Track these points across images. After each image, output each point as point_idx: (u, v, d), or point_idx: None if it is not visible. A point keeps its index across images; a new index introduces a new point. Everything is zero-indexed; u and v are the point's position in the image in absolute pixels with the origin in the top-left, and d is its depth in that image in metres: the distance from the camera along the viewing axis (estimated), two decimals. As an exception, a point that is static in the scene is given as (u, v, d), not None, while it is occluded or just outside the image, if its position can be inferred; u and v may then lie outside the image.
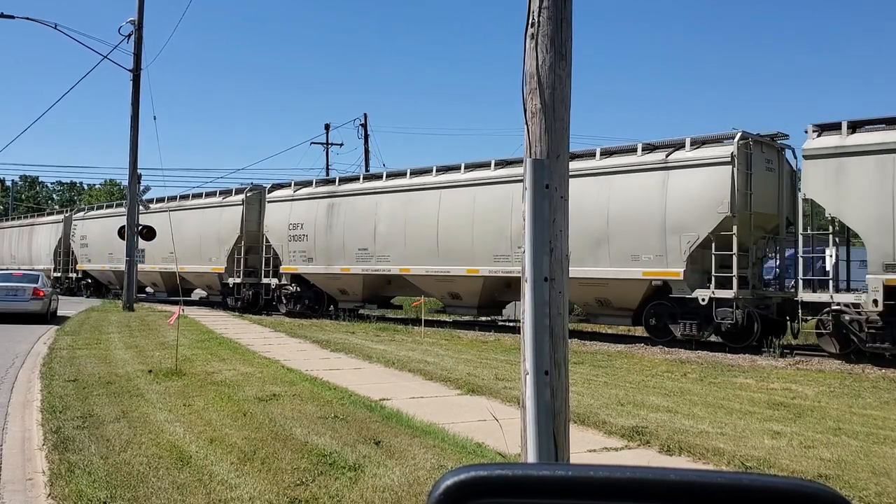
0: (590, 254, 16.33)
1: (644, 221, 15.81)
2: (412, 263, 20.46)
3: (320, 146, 44.70)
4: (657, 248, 15.69)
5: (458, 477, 0.84)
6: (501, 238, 18.26)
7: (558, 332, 3.82)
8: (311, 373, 11.10)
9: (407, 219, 20.75)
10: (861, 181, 13.18)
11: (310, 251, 23.38)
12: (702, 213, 15.16)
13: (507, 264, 18.09)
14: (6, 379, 10.60)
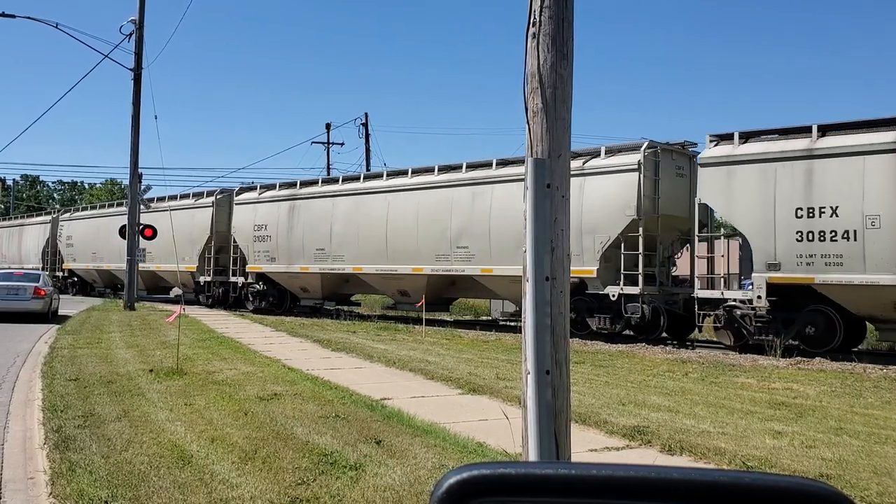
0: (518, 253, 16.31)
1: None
2: (364, 263, 21.85)
3: (321, 145, 44.77)
4: (575, 248, 16.37)
5: (461, 475, 0.84)
6: (443, 238, 19.75)
7: (560, 331, 3.82)
8: (312, 372, 11.11)
9: (359, 221, 22.11)
10: (748, 187, 14.57)
11: (273, 251, 24.74)
12: (613, 215, 16.53)
13: (448, 263, 19.70)
14: (7, 378, 10.61)
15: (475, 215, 19.26)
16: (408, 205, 20.93)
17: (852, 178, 13.43)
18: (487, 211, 18.94)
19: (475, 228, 19.25)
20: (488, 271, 18.96)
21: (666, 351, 15.22)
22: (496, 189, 18.88)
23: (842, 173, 13.55)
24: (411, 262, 20.47)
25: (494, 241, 18.71)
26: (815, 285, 13.93)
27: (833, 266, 13.59)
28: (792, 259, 14.07)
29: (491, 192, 19.02)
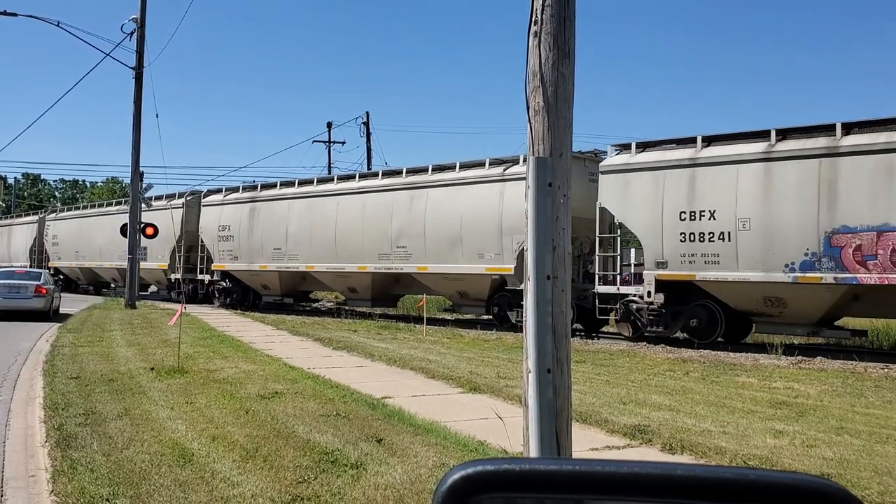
0: (449, 252, 19.65)
1: (487, 225, 18.87)
2: (316, 261, 23.30)
3: (322, 144, 44.79)
4: (496, 248, 18.70)
5: (465, 471, 0.84)
6: (384, 239, 21.19)
7: (561, 330, 3.82)
8: (313, 371, 11.11)
9: (312, 222, 23.53)
10: (641, 193, 16.12)
11: (235, 250, 26.24)
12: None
13: (389, 262, 21.22)
14: (9, 376, 10.62)
15: (412, 217, 20.66)
16: (354, 207, 22.33)
17: (727, 184, 14.86)
18: (423, 213, 20.38)
19: (412, 229, 20.63)
20: (424, 269, 20.37)
21: (667, 350, 15.22)
22: (430, 193, 20.40)
23: (719, 180, 15.00)
24: (357, 260, 21.88)
25: (429, 241, 20.19)
26: (696, 282, 15.40)
27: (711, 264, 15.08)
28: (677, 258, 15.52)
29: (426, 195, 20.48)
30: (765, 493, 0.81)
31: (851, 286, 13.69)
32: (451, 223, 19.66)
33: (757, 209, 14.48)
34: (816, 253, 13.83)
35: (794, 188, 14.12)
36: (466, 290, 20.11)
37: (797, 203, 14.07)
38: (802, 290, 14.12)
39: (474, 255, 19.19)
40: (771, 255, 14.32)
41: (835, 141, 13.83)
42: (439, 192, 20.20)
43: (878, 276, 13.23)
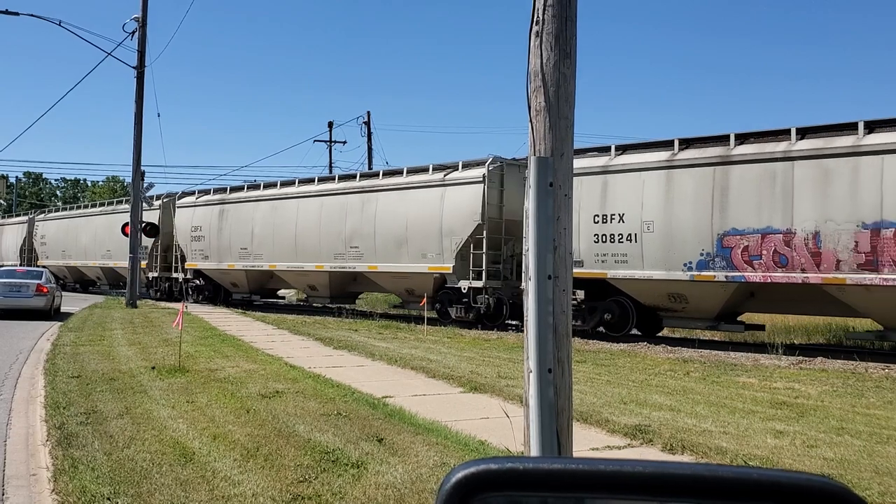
0: (396, 252, 21.09)
1: (429, 227, 20.21)
2: (278, 261, 24.77)
3: (323, 144, 44.79)
4: (437, 248, 20.08)
5: (469, 470, 0.85)
6: (339, 239, 22.62)
7: (562, 330, 3.82)
8: (313, 370, 11.11)
9: (275, 223, 24.84)
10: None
11: (206, 250, 27.69)
12: (464, 220, 19.51)
13: (344, 261, 22.67)
14: (10, 375, 10.63)
15: (364, 219, 22.11)
16: (313, 209, 23.75)
17: (635, 190, 16.20)
18: (374, 216, 21.81)
19: (364, 230, 22.08)
20: (374, 268, 21.86)
21: (667, 350, 15.23)
22: (380, 197, 21.87)
23: (628, 186, 16.30)
24: (315, 260, 23.34)
25: (379, 241, 21.60)
26: (608, 279, 16.72)
27: (620, 263, 16.43)
28: (591, 257, 16.81)
29: (377, 199, 21.93)
30: (767, 492, 0.81)
31: (741, 283, 14.96)
32: (398, 225, 21.12)
33: (660, 213, 15.81)
34: (710, 253, 15.13)
35: (692, 194, 15.43)
36: (413, 287, 21.42)
37: (694, 207, 15.38)
38: (700, 287, 15.45)
39: (418, 255, 20.57)
40: (672, 255, 15.63)
41: (728, 150, 15.07)
42: (388, 196, 21.69)
43: (762, 274, 14.58)
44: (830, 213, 13.74)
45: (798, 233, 14.11)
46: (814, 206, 13.95)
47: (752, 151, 14.82)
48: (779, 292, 15.08)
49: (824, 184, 13.85)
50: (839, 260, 13.64)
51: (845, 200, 13.59)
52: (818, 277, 13.86)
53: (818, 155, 13.98)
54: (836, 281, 13.69)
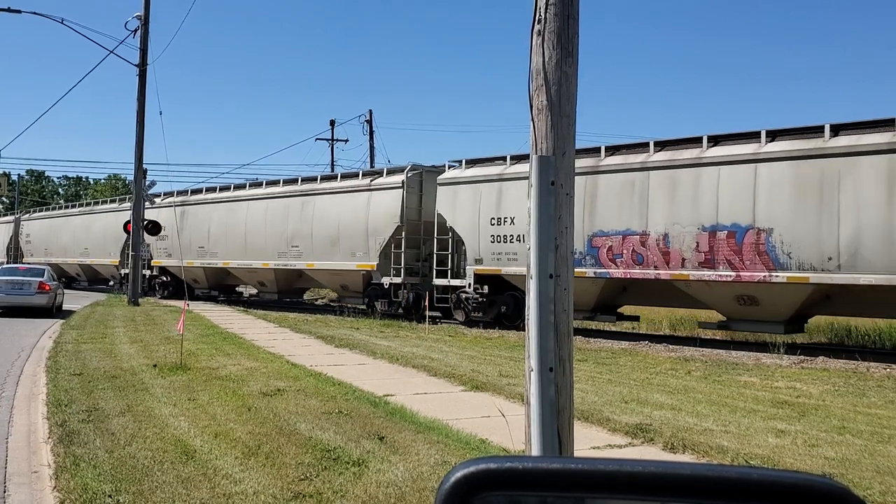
0: (330, 251, 23.09)
1: (357, 228, 22.33)
2: (231, 258, 26.87)
3: (325, 142, 44.80)
4: (364, 247, 22.16)
5: (469, 469, 0.85)
6: (282, 239, 24.59)
7: (563, 328, 3.82)
8: (315, 368, 11.12)
9: (228, 224, 26.66)
10: (464, 202, 19.67)
11: (170, 248, 29.46)
12: (387, 222, 21.59)
13: (286, 259, 24.66)
14: (12, 372, 10.64)
15: (303, 220, 24.05)
16: (260, 211, 25.84)
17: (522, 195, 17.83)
18: (311, 217, 23.80)
19: (303, 231, 24.07)
20: (311, 265, 23.83)
21: (669, 349, 15.23)
22: (317, 200, 23.86)
23: (517, 192, 18.09)
24: (263, 258, 25.32)
25: (315, 241, 23.60)
26: (503, 275, 18.85)
27: (512, 261, 18.46)
28: (489, 255, 19.00)
29: (314, 202, 23.92)
30: (767, 491, 0.81)
31: (608, 279, 16.91)
32: (331, 226, 23.14)
33: None
34: (582, 252, 16.93)
35: None
36: (346, 283, 23.76)
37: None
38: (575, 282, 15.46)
39: (349, 254, 22.61)
40: None
41: (598, 161, 17.15)
42: (324, 199, 23.75)
43: (623, 271, 16.56)
44: (677, 217, 15.60)
45: (652, 234, 16.03)
46: (664, 210, 15.78)
47: (616, 162, 16.87)
48: (642, 287, 16.94)
49: (673, 191, 15.72)
50: (684, 258, 15.50)
51: (689, 206, 15.43)
52: (668, 274, 15.77)
53: (669, 166, 15.86)
54: (682, 277, 15.58)
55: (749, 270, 14.55)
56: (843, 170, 13.63)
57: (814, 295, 14.40)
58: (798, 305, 14.63)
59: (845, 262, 13.48)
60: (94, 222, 36.52)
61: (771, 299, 14.71)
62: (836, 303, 14.93)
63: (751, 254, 14.56)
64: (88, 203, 42.04)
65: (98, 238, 35.47)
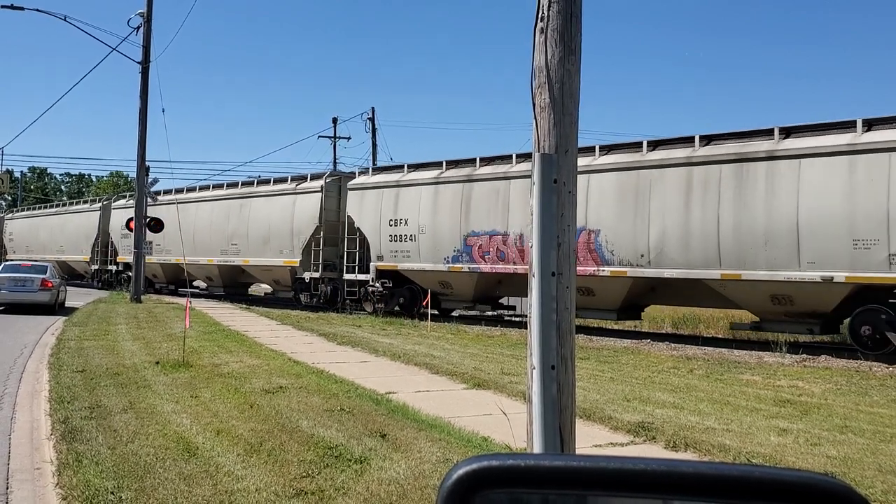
0: (263, 249, 25.66)
1: (284, 228, 24.81)
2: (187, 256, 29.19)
3: (328, 140, 44.85)
4: (290, 245, 24.60)
5: (471, 466, 0.85)
6: (224, 237, 27.17)
7: (565, 326, 3.81)
8: (317, 365, 11.13)
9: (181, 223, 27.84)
10: (369, 205, 22.19)
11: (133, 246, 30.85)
12: (308, 223, 24.10)
13: (227, 256, 27.21)
14: (15, 369, 10.66)
15: (241, 221, 26.55)
16: (207, 212, 28.29)
17: (415, 200, 20.83)
18: (248, 218, 26.34)
19: (241, 230, 26.56)
20: (247, 262, 26.43)
21: (671, 348, 15.22)
22: (253, 202, 26.43)
23: (411, 197, 20.89)
24: (208, 255, 27.68)
25: (251, 240, 26.12)
26: (399, 270, 21.21)
27: (406, 258, 20.86)
28: (388, 253, 21.36)
29: (250, 204, 26.48)
30: (770, 489, 0.81)
31: (479, 273, 19.26)
32: (264, 226, 25.65)
33: (430, 218, 20.39)
34: (459, 250, 19.52)
35: (449, 204, 19.95)
36: (278, 278, 26.33)
37: (451, 214, 19.85)
38: (456, 275, 19.92)
39: (278, 251, 25.08)
40: (437, 252, 20.12)
41: (473, 171, 19.63)
42: (258, 202, 26.35)
43: (490, 266, 18.95)
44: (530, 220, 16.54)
45: (511, 235, 18.44)
46: (521, 213, 17.83)
47: (487, 172, 19.33)
48: (512, 280, 18.97)
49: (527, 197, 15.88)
50: None
51: None
52: (523, 269, 17.44)
53: (525, 175, 17.40)
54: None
55: (582, 266, 16.47)
56: (653, 180, 15.97)
57: (635, 287, 16.67)
58: (624, 296, 16.88)
59: (654, 258, 15.89)
60: (68, 222, 39.35)
61: (602, 290, 17.01)
62: (659, 294, 17.26)
63: (584, 251, 16.74)
64: (64, 203, 45.87)
65: (72, 236, 38.29)
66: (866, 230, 13.33)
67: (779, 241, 14.13)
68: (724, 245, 14.95)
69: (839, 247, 13.56)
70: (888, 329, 13.49)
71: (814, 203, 13.83)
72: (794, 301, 14.53)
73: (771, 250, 14.42)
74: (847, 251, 13.49)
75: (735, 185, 14.90)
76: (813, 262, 13.86)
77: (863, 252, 13.36)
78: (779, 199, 14.19)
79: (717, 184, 15.10)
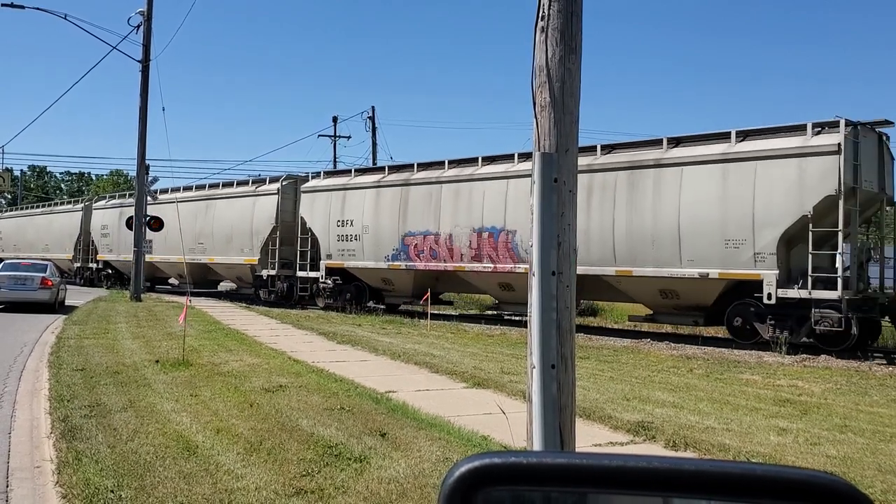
0: (226, 248, 27.33)
1: (245, 228, 26.50)
2: (157, 254, 30.80)
3: (328, 139, 44.84)
4: (250, 244, 26.31)
5: (473, 464, 0.85)
6: (192, 237, 28.15)
7: (565, 326, 3.81)
8: (317, 364, 11.13)
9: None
10: (320, 207, 23.73)
11: (111, 244, 34.91)
12: (266, 223, 25.63)
13: (195, 255, 28.35)
14: (15, 367, 10.66)
15: (207, 221, 28.16)
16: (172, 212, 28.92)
17: (359, 202, 22.53)
18: (213, 219, 28.00)
19: (207, 230, 28.19)
20: (212, 260, 28.04)
21: (671, 347, 15.22)
22: (218, 203, 28.15)
23: (356, 200, 22.56)
24: (178, 253, 28.38)
25: (216, 239, 27.77)
26: (346, 268, 22.87)
27: (352, 256, 22.55)
28: (336, 252, 22.97)
29: (216, 205, 28.16)
30: (771, 487, 0.81)
31: (415, 270, 20.82)
32: (227, 226, 27.28)
33: (372, 219, 22.01)
34: (398, 248, 21.09)
35: (389, 206, 21.52)
36: (240, 275, 28.03)
37: (390, 216, 21.39)
38: (395, 272, 21.47)
39: (239, 250, 26.76)
40: (379, 250, 21.67)
41: (411, 175, 21.33)
42: (222, 203, 28.02)
43: (424, 264, 20.43)
44: (458, 221, 19.67)
45: (442, 234, 20.00)
46: (450, 216, 19.82)
47: (423, 176, 20.96)
48: (448, 276, 20.66)
49: (456, 200, 19.87)
50: (462, 254, 19.61)
51: (466, 212, 19.54)
52: (452, 266, 19.90)
53: (454, 180, 20.03)
54: (460, 269, 19.81)
55: (502, 263, 18.64)
56: None
57: None
58: None
59: None
60: (53, 221, 41.29)
61: (521, 286, 17.81)
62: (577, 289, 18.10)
63: (503, 250, 18.63)
64: (50, 204, 48.25)
65: (56, 235, 40.20)
66: (736, 231, 14.77)
67: (664, 241, 15.53)
68: (618, 244, 16.44)
69: (713, 246, 15.03)
70: (756, 320, 14.92)
71: (693, 207, 15.30)
72: (679, 295, 16.08)
73: (657, 249, 15.81)
74: (720, 250, 14.95)
75: (628, 190, 16.38)
76: (692, 260, 15.37)
77: (733, 251, 14.81)
78: (664, 203, 15.58)
79: (613, 189, 16.57)
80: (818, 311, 13.90)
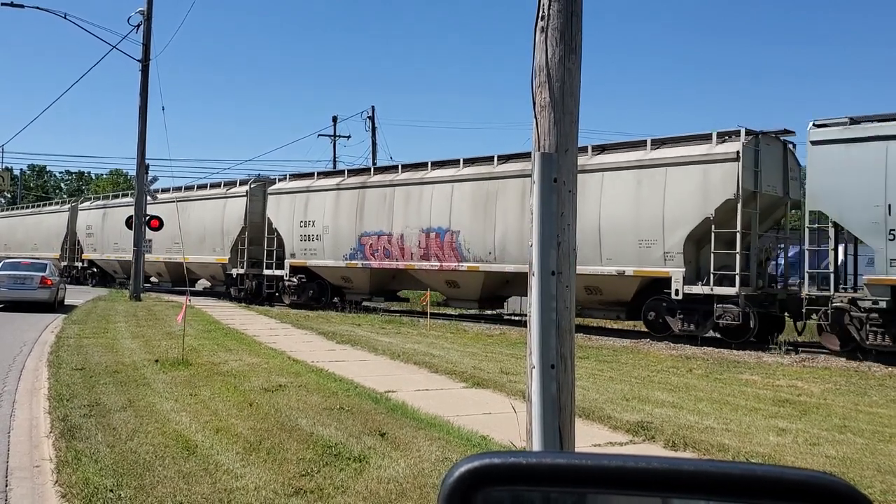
0: (200, 247, 28.44)
1: (216, 228, 27.73)
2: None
3: (328, 138, 44.84)
4: (221, 244, 27.53)
5: (472, 464, 0.84)
6: (169, 237, 29.06)
7: (565, 326, 3.81)
8: (316, 364, 11.13)
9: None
10: (285, 208, 24.77)
11: (95, 244, 36.39)
12: (235, 224, 26.84)
13: (171, 254, 29.82)
14: (14, 367, 10.65)
15: (183, 221, 28.01)
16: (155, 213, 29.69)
17: (321, 204, 23.56)
18: (188, 219, 28.44)
19: (182, 230, 28.26)
20: (187, 259, 28.59)
21: (670, 347, 15.23)
22: (192, 205, 29.21)
23: (318, 202, 23.68)
24: (157, 253, 30.51)
25: (191, 239, 28.49)
26: (308, 266, 23.88)
27: (314, 255, 23.62)
28: (299, 251, 24.09)
29: (191, 206, 29.16)
30: (771, 488, 0.81)
31: (371, 269, 21.94)
32: (200, 227, 28.43)
33: (332, 220, 23.08)
34: (355, 248, 22.29)
35: (347, 207, 22.68)
36: (213, 274, 29.20)
37: (349, 217, 22.56)
38: (353, 271, 22.66)
39: (211, 250, 27.92)
40: (338, 250, 22.79)
41: (367, 178, 22.60)
42: (195, 205, 29.15)
43: (378, 262, 21.66)
44: (409, 222, 20.80)
45: (394, 235, 21.13)
46: (402, 217, 20.98)
47: (377, 180, 22.16)
48: (401, 274, 21.73)
49: (407, 203, 21.04)
50: (412, 253, 20.65)
51: (416, 214, 20.65)
52: (403, 265, 20.94)
53: (406, 183, 21.21)
54: (410, 267, 20.79)
55: (448, 262, 19.75)
56: (500, 189, 18.88)
57: (489, 279, 19.46)
58: (481, 287, 19.76)
59: (498, 255, 18.72)
60: (42, 221, 42.60)
61: (465, 283, 19.88)
62: (514, 285, 19.49)
63: (449, 249, 19.74)
64: (39, 204, 49.91)
65: (45, 235, 41.43)
66: (648, 232, 16.03)
67: (587, 241, 16.27)
68: None
69: (629, 246, 16.26)
70: (668, 315, 16.05)
71: (611, 209, 16.51)
72: (602, 291, 17.17)
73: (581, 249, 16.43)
74: (634, 250, 16.20)
75: None
76: (610, 259, 16.60)
77: (646, 250, 16.09)
78: (587, 205, 16.17)
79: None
80: (720, 306, 15.03)
